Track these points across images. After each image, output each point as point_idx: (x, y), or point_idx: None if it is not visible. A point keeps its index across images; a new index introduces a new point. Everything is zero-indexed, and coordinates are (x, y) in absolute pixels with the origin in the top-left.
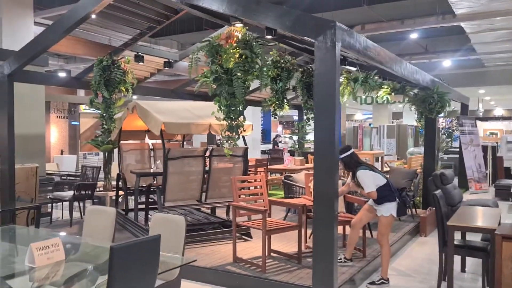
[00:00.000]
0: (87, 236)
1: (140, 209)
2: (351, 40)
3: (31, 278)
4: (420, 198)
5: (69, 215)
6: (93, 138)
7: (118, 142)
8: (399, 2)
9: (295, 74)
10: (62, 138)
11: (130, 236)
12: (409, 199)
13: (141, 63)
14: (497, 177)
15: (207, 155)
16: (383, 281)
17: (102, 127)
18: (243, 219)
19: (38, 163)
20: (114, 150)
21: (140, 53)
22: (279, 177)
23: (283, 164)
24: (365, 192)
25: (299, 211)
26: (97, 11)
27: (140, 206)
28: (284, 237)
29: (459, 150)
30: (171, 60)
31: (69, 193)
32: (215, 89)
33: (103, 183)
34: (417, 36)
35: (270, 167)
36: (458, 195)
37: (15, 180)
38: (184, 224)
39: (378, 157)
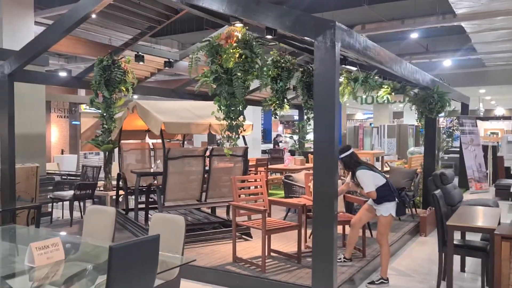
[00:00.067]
0: (87, 235)
1: (140, 208)
2: (351, 40)
3: (31, 277)
4: (420, 198)
5: (70, 214)
6: (93, 137)
7: (119, 141)
8: (399, 2)
9: (295, 73)
10: (63, 138)
11: (130, 235)
12: (408, 199)
13: (141, 63)
14: (497, 177)
15: (207, 155)
16: (382, 280)
17: (102, 126)
18: (243, 218)
19: (39, 163)
20: (114, 149)
21: (141, 53)
22: (280, 177)
23: (283, 163)
24: (364, 192)
25: (298, 211)
26: (97, 10)
27: (140, 206)
28: (284, 236)
29: (459, 149)
30: (171, 60)
31: (69, 192)
32: (215, 89)
33: (103, 182)
34: (417, 36)
35: (271, 166)
36: (458, 195)
37: (15, 179)
38: (183, 224)
39: (378, 157)
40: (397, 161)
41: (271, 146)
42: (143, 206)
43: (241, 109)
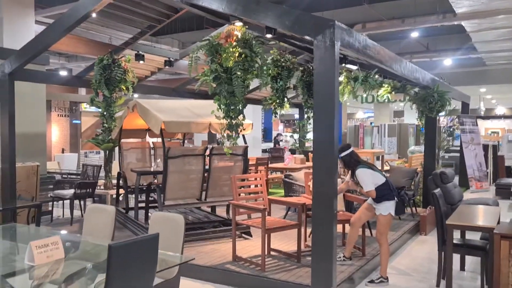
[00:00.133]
0: (87, 234)
1: (141, 207)
2: (350, 39)
3: (31, 276)
4: (420, 197)
5: (70, 213)
6: (94, 136)
7: (119, 140)
8: (399, 1)
9: (295, 72)
10: (63, 137)
11: (130, 234)
12: (407, 198)
13: (141, 62)
14: (498, 176)
15: (207, 153)
16: (382, 279)
17: (102, 125)
18: (243, 217)
19: (39, 162)
20: (114, 148)
21: (141, 52)
22: (280, 176)
23: (283, 162)
24: (364, 191)
25: (298, 209)
26: (97, 10)
27: (140, 205)
28: (284, 235)
29: (460, 149)
30: (171, 59)
31: (69, 191)
32: (214, 88)
33: (103, 181)
34: (417, 35)
35: (271, 165)
36: (458, 194)
37: (16, 178)
38: (183, 223)
39: (378, 156)
40: (397, 160)
41: (271, 145)
42: (143, 205)
43: (240, 108)
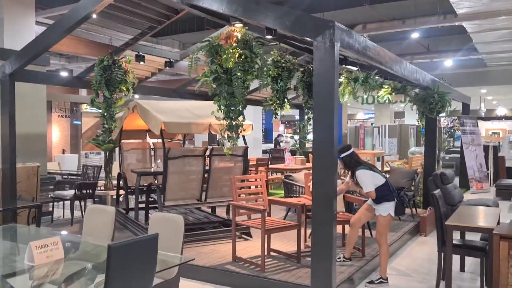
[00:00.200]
0: (87, 235)
1: (141, 208)
2: (350, 40)
3: (31, 276)
4: (420, 198)
5: (70, 214)
6: (94, 137)
7: (119, 141)
8: (400, 1)
9: (296, 73)
10: (64, 138)
11: (130, 235)
12: (407, 199)
13: (142, 63)
14: (498, 177)
15: (207, 154)
16: (382, 280)
17: (103, 126)
18: (243, 218)
19: (40, 162)
20: (115, 149)
21: (141, 53)
22: (280, 177)
23: (284, 163)
24: (364, 192)
25: (298, 210)
26: (98, 11)
27: (141, 205)
28: (284, 236)
29: (460, 149)
30: (172, 60)
31: (70, 192)
32: (215, 88)
33: (104, 182)
34: (418, 36)
35: (271, 166)
36: (458, 194)
37: (16, 179)
38: (182, 223)
39: (379, 157)
40: (398, 161)
41: (272, 146)
42: (143, 205)
43: (240, 109)
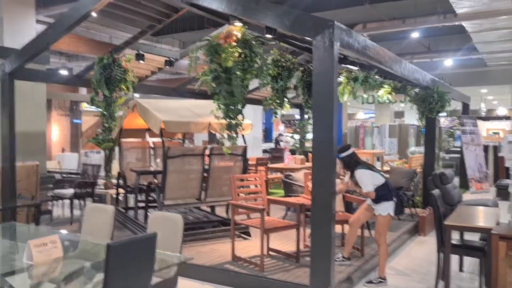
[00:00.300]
0: (87, 233)
1: (140, 207)
2: (350, 39)
3: (30, 275)
4: (420, 198)
5: (70, 213)
6: (94, 136)
7: (119, 140)
8: (400, 1)
9: (296, 73)
10: (64, 136)
11: (129, 234)
12: (405, 198)
13: (142, 62)
14: (498, 177)
15: (206, 153)
16: (380, 280)
17: (103, 125)
18: (243, 217)
19: (39, 161)
20: (115, 148)
21: (141, 52)
22: (280, 176)
23: (283, 163)
24: (363, 192)
25: (297, 210)
26: (97, 9)
27: (140, 204)
28: (284, 235)
29: (460, 149)
30: (172, 59)
31: (69, 191)
32: (214, 87)
33: (103, 181)
34: (418, 35)
35: (271, 166)
36: (458, 194)
37: (16, 177)
38: (181, 222)
39: (378, 157)
40: (397, 161)
41: (272, 145)
42: (143, 204)
43: (240, 108)
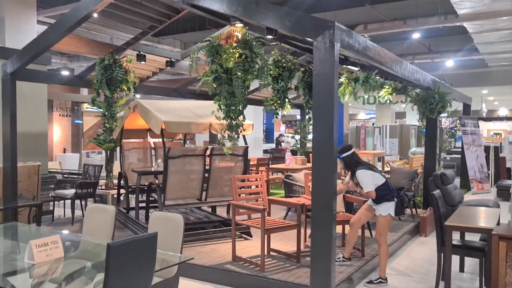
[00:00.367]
0: (87, 233)
1: (141, 207)
2: (350, 40)
3: (31, 275)
4: (420, 198)
5: (71, 213)
6: (95, 136)
7: (120, 140)
8: (401, 2)
9: (296, 73)
10: (65, 137)
11: (130, 234)
12: (406, 199)
13: (143, 62)
14: (499, 177)
15: (207, 154)
16: (381, 280)
17: (104, 125)
18: (244, 218)
19: (41, 161)
20: (116, 148)
21: (142, 52)
22: (281, 176)
23: (284, 163)
24: (364, 192)
25: (298, 210)
26: (99, 10)
27: (141, 205)
28: (284, 236)
29: (461, 150)
30: (173, 59)
31: (71, 191)
32: (215, 88)
33: (105, 181)
34: (419, 36)
35: (272, 166)
36: (459, 195)
37: (17, 178)
38: (182, 222)
39: (379, 157)
40: (398, 161)
41: (273, 146)
42: (144, 205)
43: (241, 108)
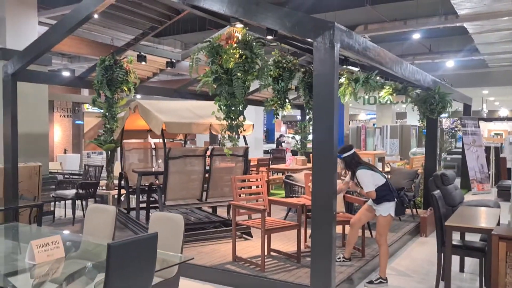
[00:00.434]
0: (88, 234)
1: (142, 207)
2: (350, 40)
3: (32, 275)
4: (421, 199)
5: (72, 213)
6: (96, 137)
7: (121, 141)
8: (401, 2)
9: (297, 74)
10: (66, 137)
11: (131, 234)
12: (407, 199)
13: (143, 63)
14: (500, 178)
15: (208, 154)
16: (381, 280)
17: (104, 126)
18: (244, 218)
19: (41, 162)
20: (116, 149)
21: (143, 53)
22: (281, 177)
23: (285, 163)
24: (364, 192)
25: (298, 210)
26: (99, 11)
27: (142, 205)
28: (284, 236)
29: (462, 150)
30: (173, 60)
31: (71, 191)
32: (215, 89)
33: (105, 182)
34: (420, 37)
35: (272, 166)
36: (459, 195)
37: (18, 178)
38: (182, 223)
39: (380, 158)
40: (399, 161)
41: (273, 146)
42: (144, 205)
43: (241, 109)
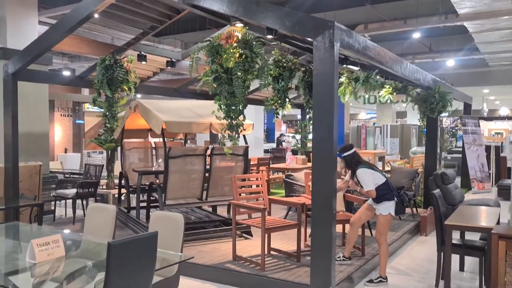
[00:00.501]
0: (88, 233)
1: (142, 207)
2: (350, 40)
3: (32, 274)
4: (421, 198)
5: (72, 212)
6: (97, 136)
7: (121, 140)
8: (402, 1)
9: (297, 73)
10: (66, 137)
11: (131, 233)
12: (407, 198)
13: (144, 62)
14: (500, 177)
15: (208, 153)
16: (381, 279)
17: (105, 125)
18: (244, 217)
19: (42, 161)
20: (117, 148)
21: (143, 53)
22: (281, 176)
23: (285, 163)
24: (364, 191)
25: (298, 209)
26: (99, 10)
27: (142, 204)
28: (285, 235)
29: (462, 149)
30: (173, 60)
31: (72, 191)
32: (215, 88)
33: (106, 181)
34: (420, 36)
35: (272, 166)
36: (459, 194)
37: (18, 177)
38: (182, 222)
39: (380, 157)
40: (399, 161)
41: (274, 145)
42: (145, 204)
43: (241, 108)
